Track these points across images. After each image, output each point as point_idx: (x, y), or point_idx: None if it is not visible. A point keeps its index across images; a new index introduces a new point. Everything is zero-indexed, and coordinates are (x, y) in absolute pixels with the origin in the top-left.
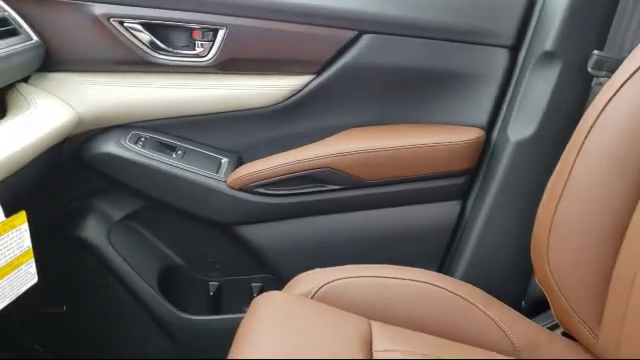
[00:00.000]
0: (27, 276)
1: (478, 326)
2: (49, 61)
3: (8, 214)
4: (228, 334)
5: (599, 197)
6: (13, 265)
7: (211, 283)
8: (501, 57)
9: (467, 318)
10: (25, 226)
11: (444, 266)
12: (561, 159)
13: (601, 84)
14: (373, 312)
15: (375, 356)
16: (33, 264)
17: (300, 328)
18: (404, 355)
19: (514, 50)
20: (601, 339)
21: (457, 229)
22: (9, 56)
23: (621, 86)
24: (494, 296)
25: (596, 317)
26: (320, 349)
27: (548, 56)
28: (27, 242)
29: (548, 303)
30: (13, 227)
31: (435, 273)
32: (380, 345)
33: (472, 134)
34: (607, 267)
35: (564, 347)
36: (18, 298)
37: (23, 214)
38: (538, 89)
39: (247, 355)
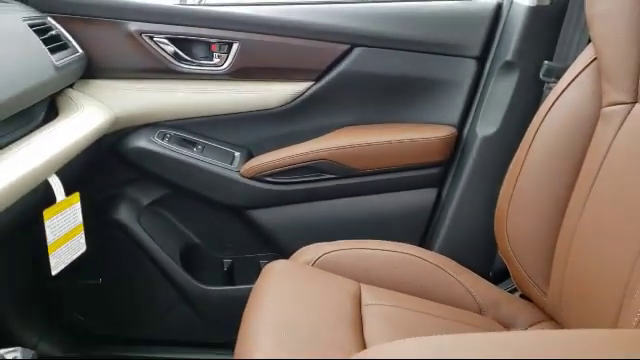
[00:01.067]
0: (79, 245)
1: (449, 288)
2: (90, 69)
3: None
4: (239, 302)
5: (545, 184)
6: (69, 236)
7: (225, 260)
8: (470, 66)
9: (440, 282)
10: (78, 205)
11: (424, 241)
12: (517, 152)
13: (550, 89)
14: (362, 277)
15: (363, 309)
16: (83, 236)
17: (303, 288)
18: (386, 307)
19: (481, 60)
20: (549, 296)
21: (434, 211)
22: (62, 67)
23: (562, 91)
24: (466, 266)
25: (545, 279)
26: (320, 304)
27: (508, 65)
28: (79, 218)
29: (509, 271)
30: (70, 205)
31: (415, 246)
32: (367, 301)
33: (446, 131)
34: (552, 238)
35: (520, 305)
36: (64, 271)
37: (77, 195)
38: (501, 93)
39: (263, 306)
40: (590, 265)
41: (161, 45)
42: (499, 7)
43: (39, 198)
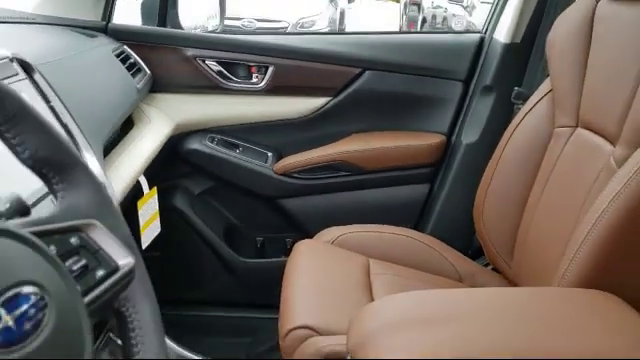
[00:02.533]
0: (156, 227)
1: (437, 262)
2: (155, 86)
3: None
4: (268, 272)
5: (512, 183)
6: (151, 220)
7: (257, 238)
8: (457, 87)
9: (430, 257)
10: (156, 196)
11: (418, 226)
12: (492, 157)
13: (519, 109)
14: (370, 253)
15: (372, 277)
16: (159, 220)
17: (327, 261)
18: (389, 275)
19: (466, 83)
20: (512, 268)
21: (426, 202)
22: (141, 88)
23: (526, 113)
24: (451, 246)
25: (510, 254)
26: (340, 273)
27: (487, 89)
28: (156, 206)
29: (483, 249)
30: (151, 197)
31: (412, 230)
32: (374, 271)
33: (437, 138)
34: (516, 223)
35: (492, 275)
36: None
37: (155, 189)
38: (481, 110)
39: (298, 274)
40: (541, 242)
41: (211, 67)
42: (482, 41)
43: (133, 192)
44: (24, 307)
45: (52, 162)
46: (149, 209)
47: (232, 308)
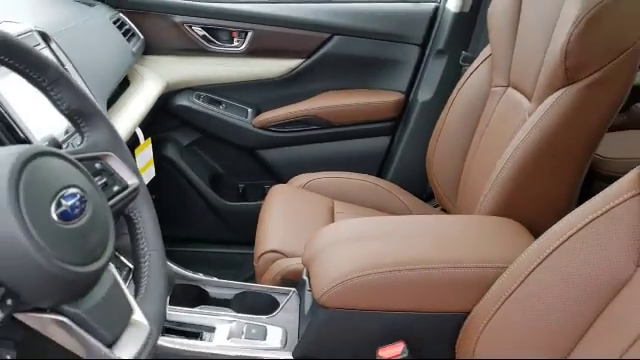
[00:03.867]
0: (151, 172)
1: (394, 205)
2: (147, 48)
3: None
4: (248, 214)
5: (457, 136)
6: (146, 166)
7: (239, 185)
8: (415, 51)
9: (388, 200)
10: (150, 145)
11: (380, 173)
12: (442, 112)
13: (465, 71)
14: (335, 196)
15: (335, 216)
16: (153, 166)
17: (297, 203)
18: (350, 215)
19: (422, 47)
20: (457, 207)
21: (388, 152)
22: (136, 52)
23: (470, 74)
24: (407, 190)
25: (455, 196)
26: (307, 212)
27: (440, 52)
28: (151, 154)
29: (434, 193)
30: (146, 145)
31: (373, 176)
32: (337, 209)
33: (396, 96)
34: (459, 170)
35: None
36: None
37: (149, 139)
38: (434, 71)
39: (272, 213)
40: (475, 184)
41: (197, 32)
42: (436, 10)
43: (131, 141)
44: (73, 200)
45: (81, 112)
46: (145, 156)
47: (216, 245)
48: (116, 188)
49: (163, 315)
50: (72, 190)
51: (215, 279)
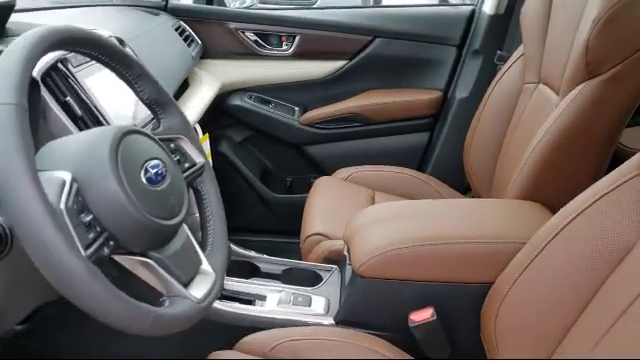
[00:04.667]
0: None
1: (431, 196)
2: (204, 53)
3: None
4: (296, 205)
5: (492, 130)
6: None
7: (287, 178)
8: (452, 51)
9: (427, 192)
10: (208, 140)
11: (419, 167)
12: (478, 109)
13: (500, 69)
14: (375, 187)
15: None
16: (210, 160)
17: (340, 193)
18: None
19: (460, 47)
20: (490, 196)
21: (427, 147)
22: (195, 56)
23: (504, 72)
24: (445, 183)
25: (490, 187)
26: (350, 201)
27: (476, 52)
28: (209, 148)
29: (471, 186)
30: (205, 140)
31: (413, 170)
32: (377, 200)
33: (435, 94)
34: (495, 162)
35: None
36: None
37: (207, 134)
38: (471, 70)
39: (317, 203)
40: (508, 175)
41: (249, 37)
42: (473, 12)
43: None
44: (157, 169)
45: (158, 101)
46: (204, 149)
47: (265, 234)
48: (187, 165)
49: (224, 269)
50: (155, 161)
51: (265, 256)
